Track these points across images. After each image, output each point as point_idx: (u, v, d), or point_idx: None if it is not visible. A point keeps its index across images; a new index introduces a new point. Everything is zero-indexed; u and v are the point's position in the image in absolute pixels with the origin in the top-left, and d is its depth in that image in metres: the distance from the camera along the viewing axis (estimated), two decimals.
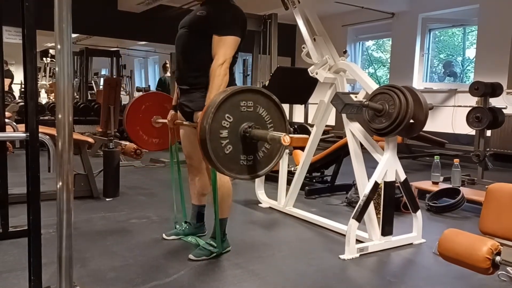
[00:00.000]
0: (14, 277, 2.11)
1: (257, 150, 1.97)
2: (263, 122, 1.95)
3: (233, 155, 1.91)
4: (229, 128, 1.88)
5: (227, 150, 1.89)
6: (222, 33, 2.26)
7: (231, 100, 1.85)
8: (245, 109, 1.90)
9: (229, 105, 1.85)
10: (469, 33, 7.96)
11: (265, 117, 1.95)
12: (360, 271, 2.41)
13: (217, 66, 2.22)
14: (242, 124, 1.89)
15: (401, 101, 2.45)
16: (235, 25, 2.29)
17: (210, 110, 1.82)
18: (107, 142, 4.26)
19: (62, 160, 1.56)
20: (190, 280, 2.15)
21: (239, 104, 1.88)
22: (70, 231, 1.61)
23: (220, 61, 2.23)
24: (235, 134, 1.89)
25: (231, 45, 2.26)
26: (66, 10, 1.51)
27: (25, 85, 1.73)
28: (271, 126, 1.98)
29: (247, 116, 1.90)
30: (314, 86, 5.12)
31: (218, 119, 1.84)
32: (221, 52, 2.24)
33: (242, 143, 1.91)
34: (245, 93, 1.89)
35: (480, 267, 1.65)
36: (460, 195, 3.52)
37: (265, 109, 1.94)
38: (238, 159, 1.93)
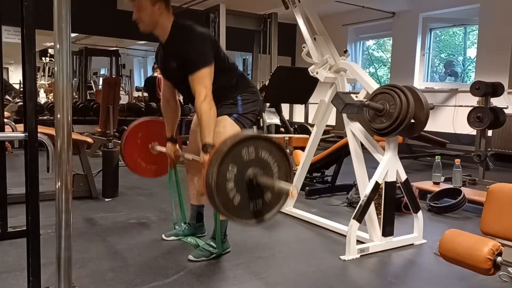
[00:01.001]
0: (13, 278, 2.10)
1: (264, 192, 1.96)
2: (267, 164, 1.95)
3: (242, 204, 1.91)
4: (234, 178, 1.88)
5: (236, 201, 1.89)
6: (193, 72, 2.21)
7: (233, 152, 1.84)
8: (247, 157, 1.89)
9: (231, 157, 1.85)
10: (470, 33, 7.95)
11: (268, 160, 1.95)
12: (360, 271, 2.40)
13: (200, 104, 2.18)
14: (247, 172, 1.89)
15: (402, 100, 2.44)
16: (203, 56, 2.23)
17: (214, 165, 1.81)
18: (106, 142, 4.25)
19: (61, 160, 1.55)
20: (189, 281, 2.14)
21: (241, 153, 1.88)
22: (69, 232, 1.60)
23: (201, 97, 2.19)
24: (241, 182, 1.89)
25: (206, 77, 2.21)
26: (65, 9, 1.50)
27: (24, 85, 1.72)
28: (276, 166, 1.97)
29: (251, 162, 1.90)
30: (315, 86, 5.12)
31: (223, 172, 1.84)
32: (198, 89, 2.20)
33: (249, 189, 1.91)
34: (245, 141, 1.88)
35: (481, 267, 1.64)
36: (461, 196, 3.51)
37: (267, 151, 1.94)
38: (247, 205, 1.93)
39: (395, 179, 2.66)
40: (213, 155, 1.83)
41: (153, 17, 2.26)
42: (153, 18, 2.27)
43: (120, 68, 10.98)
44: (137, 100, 11.15)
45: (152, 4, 2.24)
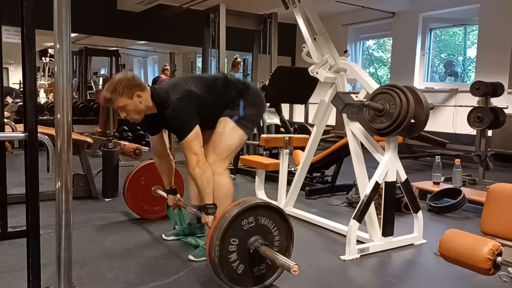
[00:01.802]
0: (13, 278, 2.10)
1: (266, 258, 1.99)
2: (267, 230, 2.00)
3: (245, 272, 1.96)
4: (236, 250, 1.93)
5: (239, 270, 1.94)
6: (181, 139, 2.27)
7: (232, 225, 1.89)
8: (247, 227, 1.94)
9: (231, 230, 1.89)
10: (470, 33, 7.95)
11: (268, 224, 2.00)
12: (360, 271, 2.40)
13: (192, 170, 2.24)
14: (248, 241, 1.94)
15: (402, 100, 2.44)
16: (182, 126, 2.26)
17: (215, 242, 1.86)
18: (106, 142, 4.25)
19: (61, 160, 1.55)
20: (189, 280, 2.14)
21: (241, 224, 1.93)
22: (69, 232, 1.60)
23: (193, 164, 2.24)
24: (243, 252, 1.94)
25: (193, 142, 2.25)
26: (65, 9, 1.50)
27: (24, 85, 1.72)
28: (275, 229, 2.03)
29: (251, 231, 1.95)
30: (315, 86, 5.12)
31: (225, 246, 1.89)
32: (188, 156, 2.26)
33: (252, 257, 1.96)
34: (245, 212, 1.92)
35: (481, 267, 1.64)
36: (461, 196, 3.51)
37: (266, 217, 2.00)
38: (251, 272, 1.98)
39: (395, 179, 2.65)
40: (213, 230, 1.88)
41: (138, 108, 2.30)
42: (138, 109, 2.31)
43: (120, 68, 10.96)
44: None
45: (130, 98, 2.26)
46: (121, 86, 2.24)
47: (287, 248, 2.09)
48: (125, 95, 2.24)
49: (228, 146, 2.41)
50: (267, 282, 2.02)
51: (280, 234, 2.04)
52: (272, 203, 2.10)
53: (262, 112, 2.65)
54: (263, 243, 1.94)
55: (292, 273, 1.79)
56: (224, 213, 1.91)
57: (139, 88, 2.28)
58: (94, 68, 12.28)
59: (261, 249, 1.92)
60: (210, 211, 2.26)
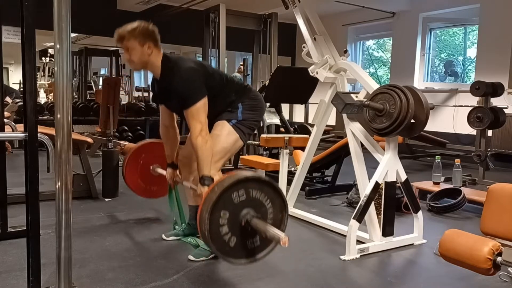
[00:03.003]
0: (13, 278, 2.10)
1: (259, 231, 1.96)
2: (259, 202, 1.95)
3: (238, 244, 1.92)
4: (228, 223, 1.88)
5: (232, 243, 1.90)
6: (187, 107, 2.24)
7: (222, 198, 1.84)
8: (238, 200, 1.89)
9: (221, 203, 1.85)
10: (470, 33, 7.95)
11: (260, 197, 1.95)
12: (360, 271, 2.40)
13: (195, 139, 2.21)
14: (240, 214, 1.89)
15: (402, 100, 2.44)
16: (194, 91, 2.25)
17: (204, 215, 1.81)
18: (106, 142, 4.24)
19: (61, 160, 1.55)
20: (189, 280, 2.14)
21: (231, 198, 1.88)
22: (69, 232, 1.61)
23: (196, 132, 2.21)
24: (235, 225, 1.89)
25: (200, 111, 2.23)
26: (65, 9, 1.50)
27: (24, 85, 1.72)
28: (268, 202, 1.97)
29: (243, 204, 1.90)
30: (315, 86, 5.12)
31: (215, 219, 1.84)
32: (193, 124, 2.23)
33: (244, 230, 1.91)
34: (234, 186, 1.87)
35: (481, 267, 1.63)
36: (461, 196, 3.51)
37: (258, 190, 1.94)
38: (244, 245, 1.94)
39: (395, 179, 2.65)
40: (203, 204, 1.84)
41: (143, 58, 2.29)
42: (143, 59, 2.30)
43: (120, 68, 10.96)
44: (137, 100, 11.14)
45: (141, 45, 2.26)
46: (139, 30, 2.26)
47: (282, 221, 2.01)
48: (138, 39, 2.25)
49: (222, 149, 2.40)
50: (261, 254, 1.97)
51: (274, 206, 1.97)
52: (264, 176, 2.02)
53: (260, 117, 2.63)
54: (255, 216, 1.89)
55: (282, 245, 1.75)
56: (214, 187, 1.87)
57: (154, 42, 2.29)
58: (94, 68, 12.26)
59: (253, 221, 1.87)
60: (207, 182, 2.20)
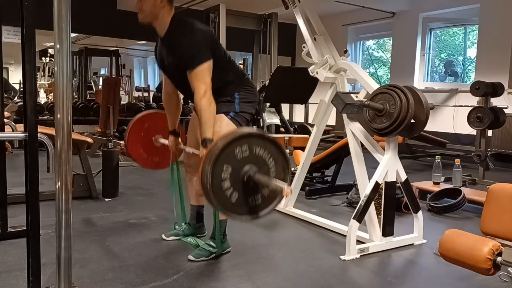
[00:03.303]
0: (13, 278, 2.10)
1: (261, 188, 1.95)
2: (262, 160, 1.94)
3: (240, 201, 1.91)
4: (230, 177, 1.87)
5: (233, 199, 1.89)
6: (192, 68, 2.21)
7: (225, 152, 1.83)
8: (241, 155, 1.88)
9: (224, 157, 1.83)
10: (470, 33, 7.95)
11: (263, 155, 1.94)
12: (360, 271, 2.40)
13: (200, 100, 2.18)
14: (242, 170, 1.88)
15: (402, 100, 2.44)
16: (200, 52, 2.22)
17: (207, 168, 1.80)
18: (106, 142, 4.25)
19: (61, 160, 1.55)
20: (189, 281, 2.14)
21: (234, 152, 1.87)
22: (69, 232, 1.61)
23: (200, 93, 2.18)
24: (237, 180, 1.88)
25: (205, 73, 2.21)
26: (65, 9, 1.50)
27: (24, 85, 1.72)
28: (271, 160, 1.96)
29: (246, 160, 1.89)
30: (315, 86, 5.12)
31: (217, 173, 1.83)
32: (197, 85, 2.20)
33: (246, 186, 1.90)
34: (237, 140, 1.86)
35: (481, 267, 1.63)
36: (461, 196, 3.51)
37: (261, 147, 1.93)
38: (246, 202, 1.93)
39: (395, 179, 2.65)
40: (206, 157, 1.82)
41: (155, 9, 2.28)
42: (154, 10, 2.28)
43: (120, 68, 10.96)
44: (137, 100, 11.15)
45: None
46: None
47: (284, 180, 2.00)
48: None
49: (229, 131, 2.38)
50: (262, 212, 1.97)
51: (277, 165, 1.96)
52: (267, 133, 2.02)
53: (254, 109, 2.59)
54: (257, 171, 1.89)
55: (284, 196, 1.75)
56: (217, 141, 1.86)
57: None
58: (94, 68, 12.27)
59: (255, 176, 1.87)
60: (209, 144, 2.16)
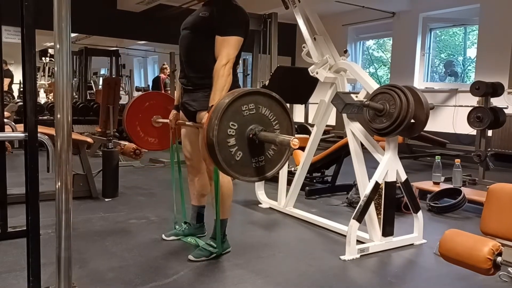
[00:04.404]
0: (13, 278, 2.10)
1: (266, 149, 1.96)
2: (267, 121, 1.95)
3: (244, 160, 1.91)
4: (235, 135, 1.87)
5: (237, 157, 1.89)
6: (225, 34, 2.23)
7: (232, 108, 1.84)
8: (247, 113, 1.89)
9: (231, 113, 1.84)
10: (470, 33, 7.95)
11: (269, 116, 1.95)
12: (360, 271, 2.40)
13: (221, 67, 2.20)
14: (247, 128, 1.89)
15: (402, 100, 2.44)
16: (238, 26, 2.27)
17: (214, 122, 1.80)
18: (106, 142, 4.24)
19: (61, 160, 1.55)
20: (189, 281, 2.14)
21: (241, 109, 1.88)
22: (69, 232, 1.60)
23: (223, 61, 2.21)
24: (242, 139, 1.89)
25: (234, 45, 2.24)
26: (65, 9, 1.50)
27: (24, 85, 1.72)
28: (276, 122, 1.97)
29: (251, 119, 1.90)
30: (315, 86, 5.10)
31: (223, 129, 1.84)
32: (224, 53, 2.22)
33: (251, 146, 1.91)
34: (244, 97, 1.88)
35: (481, 267, 1.64)
36: (461, 196, 3.51)
37: (267, 107, 1.94)
38: (249, 162, 1.93)
39: (395, 179, 2.65)
40: (212, 112, 1.82)
41: None
42: None
43: (120, 68, 10.95)
44: None
45: None
46: None
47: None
48: None
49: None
50: (266, 174, 1.98)
51: (281, 128, 1.97)
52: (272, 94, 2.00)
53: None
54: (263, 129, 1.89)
55: (292, 147, 1.75)
56: (224, 97, 1.87)
57: None
58: (94, 68, 12.26)
59: (260, 134, 1.87)
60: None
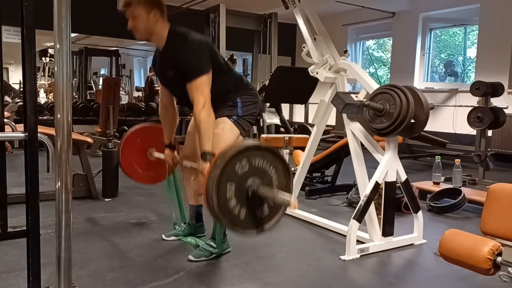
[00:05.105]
0: (13, 278, 2.10)
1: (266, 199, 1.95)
2: (263, 170, 1.93)
3: (248, 215, 1.91)
4: (235, 195, 1.87)
5: (242, 216, 1.89)
6: (191, 79, 2.20)
7: (225, 171, 1.82)
8: (242, 170, 1.88)
9: (226, 176, 1.83)
10: (470, 33, 7.95)
11: (263, 165, 1.94)
12: (360, 271, 2.40)
13: (199, 112, 2.17)
14: (246, 185, 1.88)
15: (402, 100, 2.44)
16: (200, 63, 2.21)
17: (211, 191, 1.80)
18: (106, 142, 4.24)
19: (61, 160, 1.55)
20: (189, 280, 2.14)
21: (235, 169, 1.86)
22: (69, 232, 1.60)
23: (199, 105, 2.17)
24: (242, 196, 1.88)
25: (204, 85, 2.20)
26: (65, 9, 1.50)
27: (24, 85, 1.72)
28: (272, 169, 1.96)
29: (248, 174, 1.89)
30: (315, 86, 5.12)
31: (222, 193, 1.83)
32: (196, 97, 2.19)
33: (252, 200, 1.90)
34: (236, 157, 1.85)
35: (481, 267, 1.63)
36: (461, 196, 3.51)
37: (260, 157, 1.92)
38: (254, 216, 1.93)
39: (395, 179, 2.65)
40: (208, 179, 1.82)
41: (149, 26, 2.25)
42: (148, 27, 2.25)
43: (120, 68, 10.97)
44: (137, 100, 11.14)
45: (147, 12, 2.22)
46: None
47: (287, 185, 2.01)
48: (144, 5, 2.20)
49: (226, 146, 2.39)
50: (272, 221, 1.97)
51: (277, 172, 1.96)
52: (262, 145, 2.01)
53: (257, 109, 2.58)
54: (260, 184, 1.88)
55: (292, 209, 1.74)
56: (216, 161, 1.85)
57: (160, 11, 2.25)
58: (94, 68, 12.27)
59: (259, 190, 1.86)
60: (209, 157, 2.16)
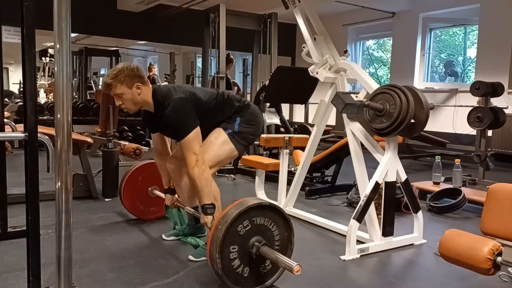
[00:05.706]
0: (13, 278, 2.10)
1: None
2: (264, 228, 1.98)
3: (252, 273, 1.96)
4: (238, 255, 1.92)
5: (245, 274, 1.94)
6: (180, 139, 2.25)
7: (228, 234, 1.87)
8: (244, 230, 1.92)
9: (229, 238, 1.88)
10: (470, 33, 7.95)
11: (265, 223, 1.99)
12: (360, 271, 2.40)
13: (191, 170, 2.21)
14: (248, 244, 1.93)
15: (402, 100, 2.44)
16: (184, 124, 2.24)
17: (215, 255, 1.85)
18: (106, 142, 4.24)
19: (61, 160, 1.55)
20: (189, 280, 2.14)
21: (237, 230, 1.91)
22: (69, 232, 1.60)
23: (191, 164, 2.21)
24: (245, 256, 1.94)
25: (193, 142, 2.23)
26: (65, 9, 1.50)
27: (24, 85, 1.72)
28: (273, 225, 2.01)
29: (250, 234, 1.94)
30: (315, 86, 5.11)
31: (226, 256, 1.88)
32: (187, 155, 2.22)
33: (255, 258, 1.95)
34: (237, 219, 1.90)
35: (481, 267, 1.64)
36: (461, 196, 3.51)
37: (260, 216, 1.97)
38: (257, 272, 1.98)
39: (395, 179, 2.65)
40: (210, 244, 1.87)
41: (135, 99, 2.29)
42: (135, 100, 2.30)
43: None
44: None
45: (129, 88, 2.26)
46: (123, 74, 2.24)
47: (289, 239, 2.07)
48: (125, 83, 2.24)
49: (216, 156, 2.40)
50: (275, 276, 2.02)
51: (279, 227, 2.02)
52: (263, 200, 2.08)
53: (258, 132, 2.60)
54: (263, 244, 1.93)
55: (294, 274, 1.79)
56: (217, 225, 1.90)
57: (140, 80, 2.29)
58: (94, 68, 12.27)
59: (262, 250, 1.91)
60: (209, 211, 2.24)
